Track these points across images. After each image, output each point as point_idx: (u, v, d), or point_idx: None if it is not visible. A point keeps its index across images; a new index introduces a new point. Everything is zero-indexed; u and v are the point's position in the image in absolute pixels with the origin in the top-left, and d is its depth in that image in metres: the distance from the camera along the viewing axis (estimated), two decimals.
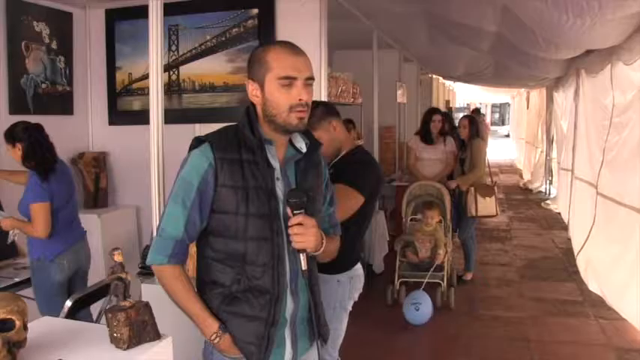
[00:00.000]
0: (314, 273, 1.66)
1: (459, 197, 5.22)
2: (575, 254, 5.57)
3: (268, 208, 1.52)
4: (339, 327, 2.37)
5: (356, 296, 2.45)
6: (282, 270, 1.55)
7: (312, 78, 1.54)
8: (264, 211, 1.52)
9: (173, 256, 1.54)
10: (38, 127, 3.07)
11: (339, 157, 2.43)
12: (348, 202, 2.21)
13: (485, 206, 5.15)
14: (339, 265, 2.04)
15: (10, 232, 3.15)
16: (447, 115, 6.49)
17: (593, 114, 5.43)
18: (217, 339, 1.54)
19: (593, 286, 4.81)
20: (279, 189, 1.56)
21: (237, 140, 1.55)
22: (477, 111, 13.55)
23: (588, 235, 4.96)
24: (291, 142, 1.63)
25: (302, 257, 1.54)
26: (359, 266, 2.46)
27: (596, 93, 5.37)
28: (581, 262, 5.30)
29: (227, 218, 1.52)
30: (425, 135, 5.54)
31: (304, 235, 1.52)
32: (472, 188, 5.13)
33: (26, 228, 3.04)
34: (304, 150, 1.63)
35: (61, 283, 3.11)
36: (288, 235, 1.54)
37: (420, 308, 4.11)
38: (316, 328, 1.65)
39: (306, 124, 1.57)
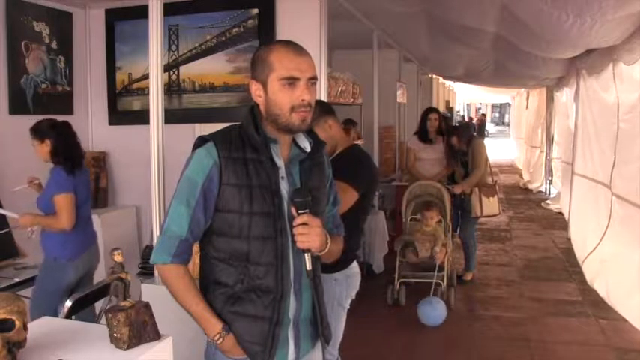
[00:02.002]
0: (318, 273, 1.66)
1: (460, 198, 5.22)
2: (583, 255, 5.51)
3: (272, 207, 1.52)
4: (338, 325, 2.38)
5: (353, 294, 2.46)
6: (286, 269, 1.55)
7: (315, 78, 1.53)
8: (267, 210, 1.52)
9: (177, 255, 1.54)
10: (66, 125, 3.08)
11: (335, 154, 2.44)
12: (343, 198, 2.21)
13: (489, 206, 5.20)
14: (336, 263, 2.04)
15: (28, 230, 3.09)
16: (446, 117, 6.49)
17: (599, 113, 5.39)
18: (220, 339, 1.54)
19: (598, 286, 4.78)
20: (284, 188, 1.56)
21: (242, 139, 1.55)
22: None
23: (603, 236, 4.93)
24: (295, 142, 1.62)
25: (306, 257, 1.54)
26: (355, 264, 2.47)
27: (599, 92, 5.35)
28: (590, 263, 5.25)
29: (231, 217, 1.52)
30: (423, 135, 5.55)
31: (309, 234, 1.51)
32: (476, 189, 5.14)
33: (49, 221, 2.99)
34: (308, 150, 1.62)
35: (72, 283, 3.09)
36: (292, 235, 1.53)
37: (438, 308, 4.17)
38: (320, 328, 1.65)
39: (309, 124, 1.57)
